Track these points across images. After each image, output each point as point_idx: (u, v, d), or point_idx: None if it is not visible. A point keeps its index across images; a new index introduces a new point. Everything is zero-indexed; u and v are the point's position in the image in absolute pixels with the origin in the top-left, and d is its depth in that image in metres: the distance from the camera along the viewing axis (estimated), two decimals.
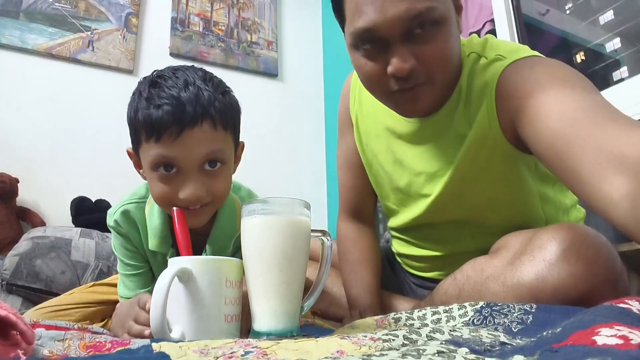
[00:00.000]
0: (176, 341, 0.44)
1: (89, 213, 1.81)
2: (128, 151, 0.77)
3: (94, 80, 2.16)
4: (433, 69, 0.70)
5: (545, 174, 0.81)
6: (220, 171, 0.71)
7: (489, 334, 0.47)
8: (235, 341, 0.42)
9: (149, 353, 0.39)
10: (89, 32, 2.20)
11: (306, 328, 0.71)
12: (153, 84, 0.69)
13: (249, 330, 0.57)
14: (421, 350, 0.35)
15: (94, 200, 1.87)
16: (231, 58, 2.55)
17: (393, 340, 0.42)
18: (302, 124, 2.70)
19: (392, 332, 0.44)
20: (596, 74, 1.65)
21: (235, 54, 2.57)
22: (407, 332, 0.44)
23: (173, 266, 0.54)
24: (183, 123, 0.65)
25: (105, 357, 0.39)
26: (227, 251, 0.81)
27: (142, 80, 0.72)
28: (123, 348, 0.40)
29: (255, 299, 0.55)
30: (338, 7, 0.74)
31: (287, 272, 0.54)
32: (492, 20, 1.83)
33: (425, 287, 0.95)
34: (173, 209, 0.67)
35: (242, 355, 0.37)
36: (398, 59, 0.67)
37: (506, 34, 1.75)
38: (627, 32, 1.60)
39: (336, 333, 0.61)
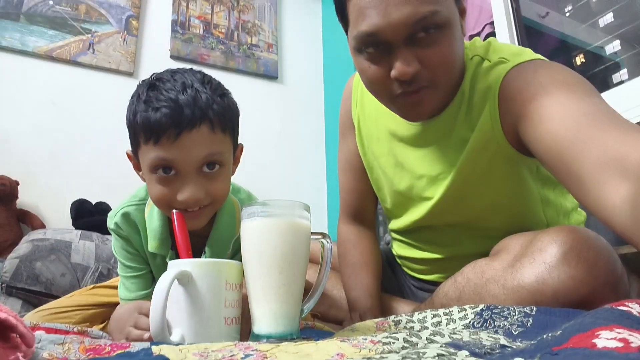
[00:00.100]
0: (176, 344, 0.44)
1: (89, 215, 1.81)
2: (128, 153, 0.77)
3: (95, 82, 2.17)
4: (437, 73, 0.70)
5: (546, 177, 0.81)
6: (219, 173, 0.71)
7: (489, 336, 0.47)
8: (235, 344, 0.42)
9: (149, 356, 0.39)
10: (90, 35, 2.20)
11: (306, 331, 0.71)
12: (152, 87, 0.69)
13: (249, 333, 0.57)
14: (421, 353, 0.35)
15: (93, 203, 1.87)
16: (231, 60, 2.55)
17: (393, 343, 0.42)
18: (302, 126, 2.70)
19: (392, 335, 0.44)
20: (596, 76, 1.65)
21: (235, 56, 2.58)
22: (407, 335, 0.44)
23: (173, 269, 0.54)
24: (181, 126, 0.65)
25: None
26: (226, 253, 0.81)
27: (141, 83, 0.72)
28: (123, 351, 0.40)
29: (255, 301, 0.55)
30: (341, 10, 0.74)
31: (287, 274, 0.54)
32: (491, 23, 1.83)
33: (425, 290, 0.95)
34: (172, 211, 0.67)
35: (242, 358, 0.37)
36: (402, 62, 0.67)
37: (506, 37, 1.75)
38: (626, 35, 1.61)
39: (336, 336, 0.61)
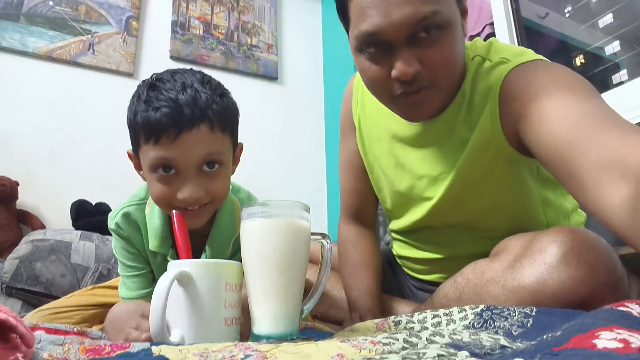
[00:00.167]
0: (176, 344, 0.44)
1: (89, 216, 1.81)
2: (128, 153, 0.77)
3: (95, 83, 2.17)
4: (437, 73, 0.70)
5: (547, 178, 0.81)
6: (219, 172, 0.72)
7: (489, 337, 0.47)
8: (235, 344, 0.42)
9: (149, 356, 0.39)
10: (90, 36, 2.20)
11: (306, 331, 0.71)
12: (152, 87, 0.70)
13: (249, 334, 0.57)
14: (421, 354, 0.35)
15: (93, 203, 1.87)
16: (231, 61, 2.56)
17: (393, 343, 0.42)
18: (303, 126, 2.70)
19: (392, 336, 0.44)
20: (595, 77, 1.65)
21: (235, 57, 2.58)
22: (407, 336, 0.44)
23: (172, 269, 0.54)
24: (181, 125, 0.66)
25: None
26: (226, 252, 0.81)
27: (141, 83, 0.73)
28: (123, 351, 0.40)
29: (255, 302, 0.55)
30: (343, 10, 0.74)
31: (286, 275, 0.54)
32: (491, 24, 1.83)
33: (425, 290, 0.95)
34: (172, 212, 0.67)
35: (242, 359, 0.37)
36: (402, 62, 0.67)
37: (506, 37, 1.75)
38: (626, 35, 1.61)
39: (336, 336, 0.61)
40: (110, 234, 0.83)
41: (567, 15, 1.80)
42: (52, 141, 2.00)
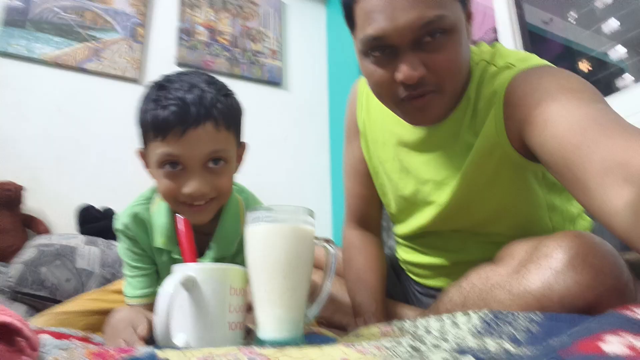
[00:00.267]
0: (180, 348, 0.44)
1: (94, 221, 1.81)
2: (139, 152, 0.80)
3: (100, 89, 2.18)
4: (442, 78, 0.70)
5: (552, 183, 0.81)
6: (224, 169, 0.75)
7: (494, 342, 0.47)
8: (239, 349, 0.42)
9: None
10: (95, 42, 2.22)
11: (310, 336, 0.71)
12: (160, 87, 0.74)
13: (253, 338, 0.57)
14: (426, 359, 0.35)
15: (99, 208, 1.88)
16: (236, 67, 2.57)
17: (398, 348, 0.42)
18: (307, 132, 2.71)
19: (397, 340, 0.44)
20: (600, 81, 1.65)
21: (240, 63, 2.59)
22: (412, 341, 0.44)
23: (178, 274, 0.54)
24: (187, 123, 0.70)
25: None
26: (230, 251, 0.83)
27: (151, 83, 0.76)
28: (127, 355, 0.40)
29: (260, 306, 0.55)
30: (349, 14, 0.74)
31: (291, 279, 0.54)
32: (495, 29, 1.84)
33: (430, 296, 0.94)
34: (177, 216, 0.68)
35: None
36: (407, 66, 0.67)
37: (509, 42, 1.75)
38: (631, 40, 1.60)
39: (340, 341, 0.60)
40: (116, 239, 0.85)
41: (572, 20, 1.80)
42: (58, 146, 2.01)
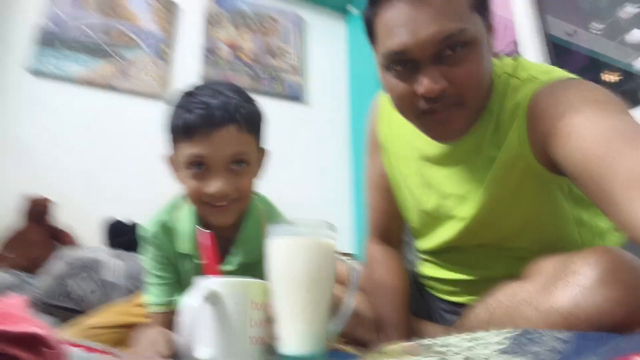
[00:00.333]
0: None
1: (121, 235, 1.86)
2: (168, 157, 0.85)
3: (127, 106, 2.24)
4: (464, 91, 0.70)
5: (579, 197, 0.79)
6: (246, 171, 0.81)
7: None
8: None
9: None
10: (122, 60, 2.29)
11: (332, 353, 0.71)
12: (189, 94, 0.81)
13: (272, 353, 0.56)
14: None
15: (125, 222, 1.92)
16: (257, 83, 2.61)
17: None
18: (328, 147, 2.71)
19: (420, 358, 0.43)
20: (626, 93, 1.61)
21: (261, 78, 2.63)
22: (436, 358, 0.43)
23: (201, 288, 0.54)
24: (213, 125, 0.76)
25: None
26: (252, 257, 0.86)
27: (181, 92, 0.84)
28: None
29: (282, 321, 0.55)
30: (370, 28, 0.75)
31: (313, 294, 0.54)
32: (515, 42, 1.82)
33: (453, 312, 0.92)
34: (200, 230, 0.69)
35: None
36: (428, 80, 0.68)
37: (532, 55, 1.73)
38: None
39: (363, 357, 0.60)
40: (140, 252, 0.87)
41: (596, 32, 1.77)
42: (86, 162, 2.07)
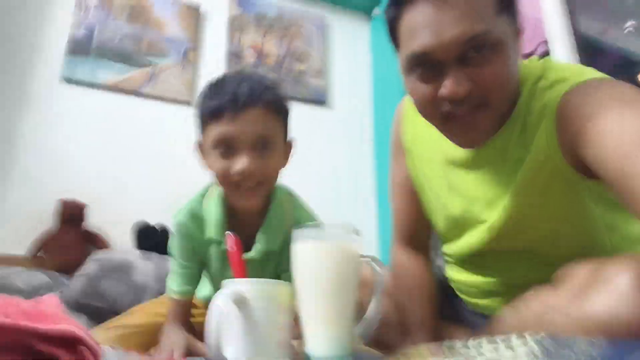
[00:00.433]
0: None
1: (150, 237, 1.91)
2: (197, 143, 0.91)
3: (156, 111, 2.30)
4: (489, 93, 0.68)
5: (610, 202, 0.77)
6: (271, 154, 0.85)
7: None
8: None
9: None
10: (152, 67, 2.35)
11: (357, 355, 0.71)
12: (217, 82, 0.87)
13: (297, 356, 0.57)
14: None
15: (154, 225, 1.97)
16: (281, 87, 2.63)
17: None
18: (352, 150, 2.71)
19: None
20: None
21: (285, 82, 2.65)
22: None
23: (228, 290, 0.55)
24: (239, 106, 0.81)
25: None
26: (276, 245, 0.91)
27: (208, 82, 0.89)
28: None
29: (308, 323, 0.56)
30: (393, 31, 0.74)
31: (339, 296, 0.54)
32: (546, 41, 1.78)
33: (481, 317, 0.91)
34: (227, 233, 0.71)
35: None
36: (452, 82, 0.67)
37: (563, 55, 1.69)
38: None
39: None
40: (169, 254, 0.94)
41: (629, 30, 1.72)
42: (117, 167, 2.13)
